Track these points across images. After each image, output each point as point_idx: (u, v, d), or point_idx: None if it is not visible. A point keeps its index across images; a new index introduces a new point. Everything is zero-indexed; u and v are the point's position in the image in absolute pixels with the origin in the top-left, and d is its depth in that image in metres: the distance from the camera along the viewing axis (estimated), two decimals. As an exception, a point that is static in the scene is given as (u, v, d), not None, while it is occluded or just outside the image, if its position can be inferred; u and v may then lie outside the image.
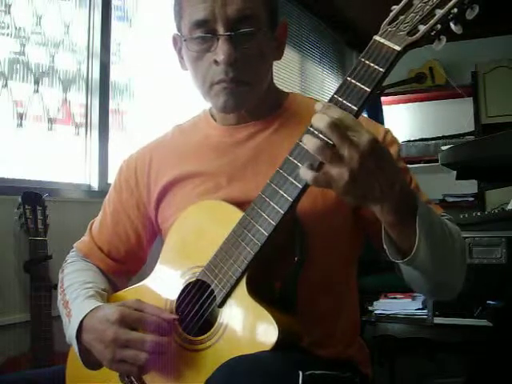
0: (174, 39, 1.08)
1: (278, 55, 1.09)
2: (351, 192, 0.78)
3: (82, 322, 0.97)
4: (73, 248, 1.22)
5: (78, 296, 1.04)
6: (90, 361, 0.97)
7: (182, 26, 1.03)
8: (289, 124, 1.06)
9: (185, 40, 1.03)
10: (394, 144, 1.04)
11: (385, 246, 0.87)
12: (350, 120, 0.76)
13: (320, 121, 0.76)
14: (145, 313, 0.93)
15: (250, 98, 1.02)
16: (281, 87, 1.15)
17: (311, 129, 0.79)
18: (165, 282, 1.01)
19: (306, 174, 0.78)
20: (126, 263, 1.18)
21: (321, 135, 0.76)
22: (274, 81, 1.13)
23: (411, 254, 0.84)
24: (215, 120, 1.12)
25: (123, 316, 0.92)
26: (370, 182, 0.77)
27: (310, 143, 0.77)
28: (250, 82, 1.00)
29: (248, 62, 0.99)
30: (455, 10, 0.75)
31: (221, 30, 0.97)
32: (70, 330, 0.99)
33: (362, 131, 0.76)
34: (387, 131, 1.06)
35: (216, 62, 0.98)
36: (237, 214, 0.92)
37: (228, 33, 0.97)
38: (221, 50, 0.96)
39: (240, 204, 0.95)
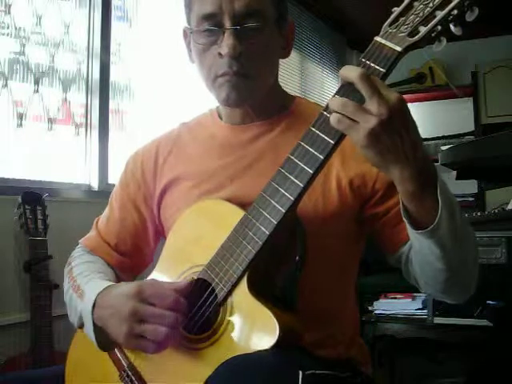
0: (184, 32, 1.09)
1: (285, 54, 1.10)
2: (373, 145, 0.76)
3: (95, 300, 0.96)
4: (74, 248, 1.22)
5: (91, 279, 1.04)
6: (103, 340, 0.96)
7: (191, 18, 1.04)
8: (294, 127, 1.06)
9: (191, 32, 1.04)
10: None
11: (404, 220, 0.85)
12: (378, 79, 0.77)
13: (353, 71, 0.76)
14: (163, 288, 0.92)
15: (252, 92, 1.03)
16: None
17: (312, 129, 0.80)
18: (166, 281, 1.01)
19: (333, 115, 0.77)
20: (132, 258, 1.17)
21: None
22: (275, 80, 1.13)
23: (434, 223, 0.82)
24: (221, 118, 1.13)
25: (141, 290, 0.91)
26: (393, 139, 0.76)
27: (334, 101, 0.77)
28: (253, 76, 1.01)
29: (253, 57, 1.00)
30: (455, 11, 0.75)
31: (227, 23, 0.98)
32: (84, 308, 0.98)
33: (391, 90, 0.76)
34: None
35: (221, 54, 0.99)
36: (238, 213, 0.92)
37: (234, 27, 0.98)
38: (225, 43, 0.97)
39: (242, 205, 0.95)
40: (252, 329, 0.87)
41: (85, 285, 1.03)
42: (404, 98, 0.77)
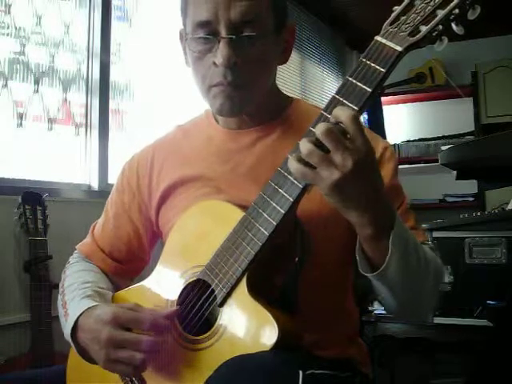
0: (181, 34, 1.08)
1: (283, 59, 1.08)
2: (336, 194, 0.79)
3: (76, 321, 0.97)
4: (75, 250, 1.22)
5: (75, 296, 1.04)
6: (90, 359, 0.97)
7: (187, 24, 1.03)
8: (291, 132, 1.05)
9: (186, 40, 1.03)
10: (391, 161, 1.05)
11: (357, 258, 0.88)
12: (353, 125, 0.77)
13: (318, 127, 0.77)
14: (139, 312, 0.93)
15: (247, 102, 1.02)
16: (281, 87, 1.14)
17: (312, 130, 0.80)
18: (166, 282, 1.01)
19: (292, 164, 0.79)
20: (127, 264, 1.18)
21: (314, 139, 0.77)
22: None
23: (381, 269, 0.85)
24: (217, 121, 1.12)
25: (117, 316, 0.91)
26: (356, 189, 0.78)
27: (302, 147, 0.78)
28: (248, 86, 0.99)
29: (248, 67, 0.98)
30: (457, 10, 0.75)
31: (223, 32, 0.96)
32: (66, 330, 0.99)
33: (361, 140, 0.77)
34: (386, 147, 1.06)
35: (215, 64, 0.97)
36: (238, 214, 0.92)
37: (229, 36, 0.96)
38: (220, 53, 0.96)
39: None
40: (251, 330, 0.87)
41: (70, 302, 1.04)
42: (372, 148, 0.79)
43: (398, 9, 0.80)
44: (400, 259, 0.85)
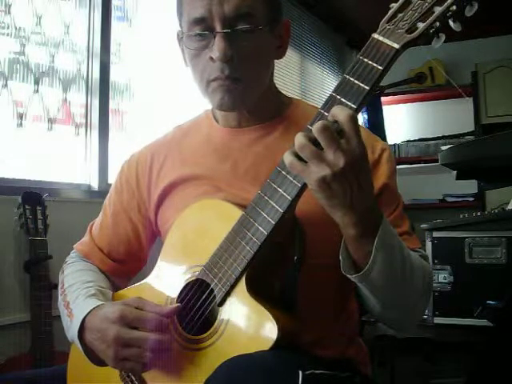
0: (178, 35, 1.08)
1: (280, 54, 1.08)
2: (323, 190, 0.79)
3: (83, 321, 0.97)
4: (73, 249, 1.22)
5: (78, 296, 1.04)
6: (95, 359, 0.97)
7: (183, 23, 1.04)
8: (291, 131, 1.04)
9: (182, 38, 1.04)
10: (389, 163, 1.04)
11: (340, 258, 0.88)
12: (349, 124, 0.77)
13: (315, 124, 0.77)
14: (145, 310, 0.93)
15: (246, 96, 1.02)
16: (281, 87, 1.14)
17: (309, 127, 0.80)
18: (165, 281, 1.01)
19: (287, 156, 0.79)
20: (126, 264, 1.18)
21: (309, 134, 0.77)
22: (274, 81, 1.12)
23: (362, 271, 0.85)
24: (217, 121, 1.12)
25: (124, 315, 0.91)
26: (343, 188, 0.78)
27: (296, 140, 0.78)
28: (246, 79, 1.00)
29: (245, 60, 0.98)
30: (454, 7, 0.75)
31: (218, 27, 0.97)
32: (72, 331, 0.99)
33: (355, 140, 0.77)
34: (385, 148, 1.05)
35: (212, 59, 0.98)
36: (236, 213, 0.92)
37: (224, 30, 0.97)
38: (217, 47, 0.96)
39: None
40: (251, 330, 0.87)
41: (73, 303, 1.04)
42: (366, 151, 0.79)
43: (395, 6, 0.80)
44: (383, 264, 0.85)
